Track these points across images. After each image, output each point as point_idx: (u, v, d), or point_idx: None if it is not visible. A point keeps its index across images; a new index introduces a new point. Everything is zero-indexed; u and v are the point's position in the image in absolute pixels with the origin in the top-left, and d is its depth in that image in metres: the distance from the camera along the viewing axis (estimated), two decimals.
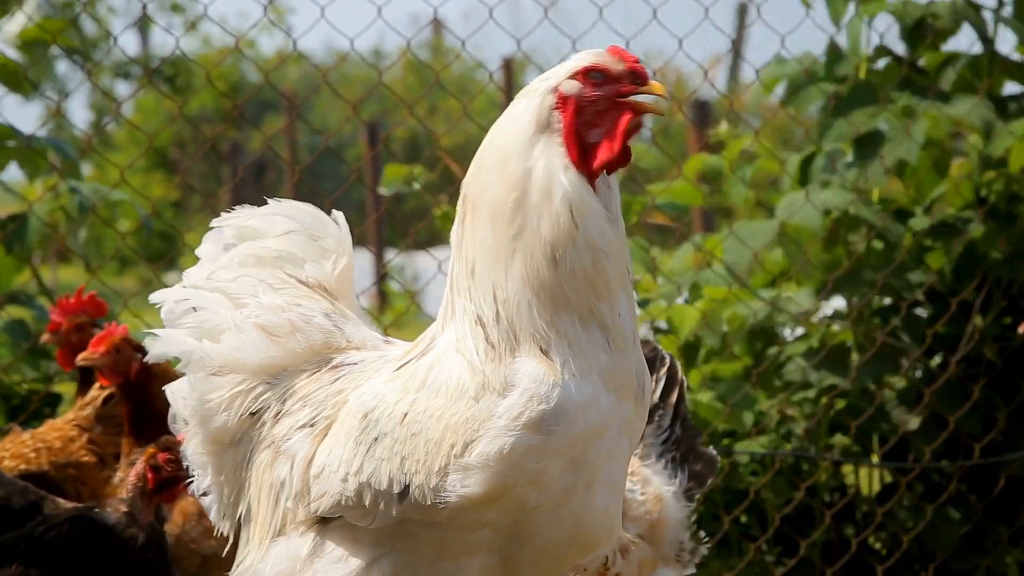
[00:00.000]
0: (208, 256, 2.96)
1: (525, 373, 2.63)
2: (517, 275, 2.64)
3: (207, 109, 19.29)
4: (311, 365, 2.83)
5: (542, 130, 2.67)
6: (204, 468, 2.89)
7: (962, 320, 5.82)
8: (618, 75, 2.69)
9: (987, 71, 5.88)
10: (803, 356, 5.75)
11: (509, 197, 2.64)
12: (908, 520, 5.92)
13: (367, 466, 2.67)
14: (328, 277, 2.93)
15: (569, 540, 2.68)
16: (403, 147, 18.11)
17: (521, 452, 2.61)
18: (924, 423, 5.81)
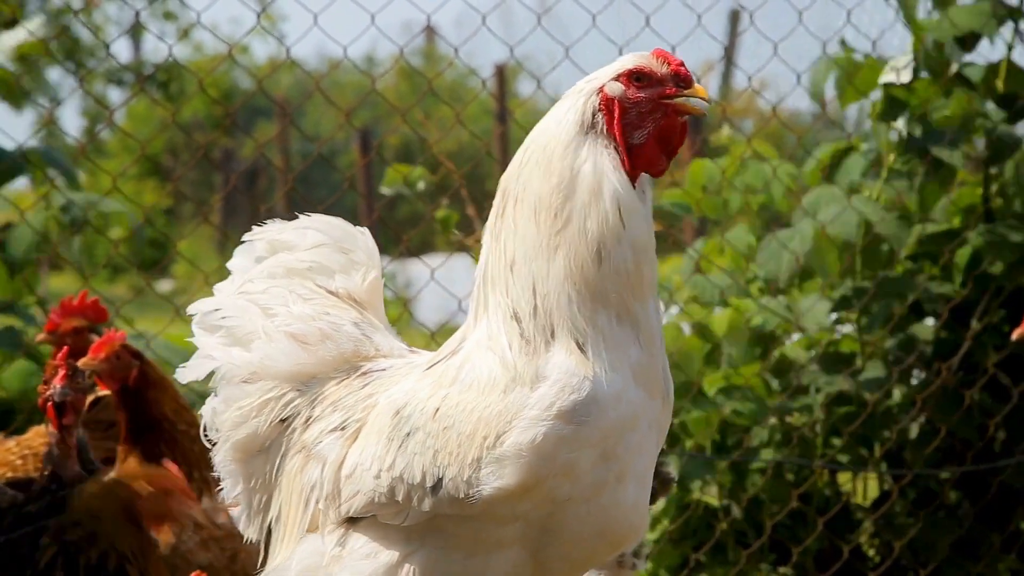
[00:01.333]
0: (239, 269, 3.00)
1: (556, 364, 2.66)
2: (560, 270, 2.68)
3: (199, 116, 19.29)
4: (340, 372, 2.87)
5: (587, 130, 2.71)
6: (234, 476, 2.92)
7: (957, 327, 5.83)
8: (662, 77, 2.71)
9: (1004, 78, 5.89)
10: (811, 362, 5.75)
11: (555, 193, 2.68)
12: (901, 527, 5.93)
13: (400, 461, 2.70)
14: (358, 288, 2.98)
15: (599, 534, 2.70)
16: (396, 154, 18.11)
17: (553, 442, 2.63)
18: (918, 430, 5.82)
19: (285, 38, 17.09)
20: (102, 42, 14.43)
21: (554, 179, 2.69)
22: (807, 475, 5.80)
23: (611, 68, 2.74)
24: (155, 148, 18.76)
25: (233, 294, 2.96)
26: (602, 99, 2.72)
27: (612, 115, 2.71)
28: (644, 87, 2.72)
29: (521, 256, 2.70)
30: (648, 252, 2.71)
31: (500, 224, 2.74)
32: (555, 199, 2.68)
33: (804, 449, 5.76)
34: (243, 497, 2.92)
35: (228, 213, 18.99)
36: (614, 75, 2.73)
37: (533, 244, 2.69)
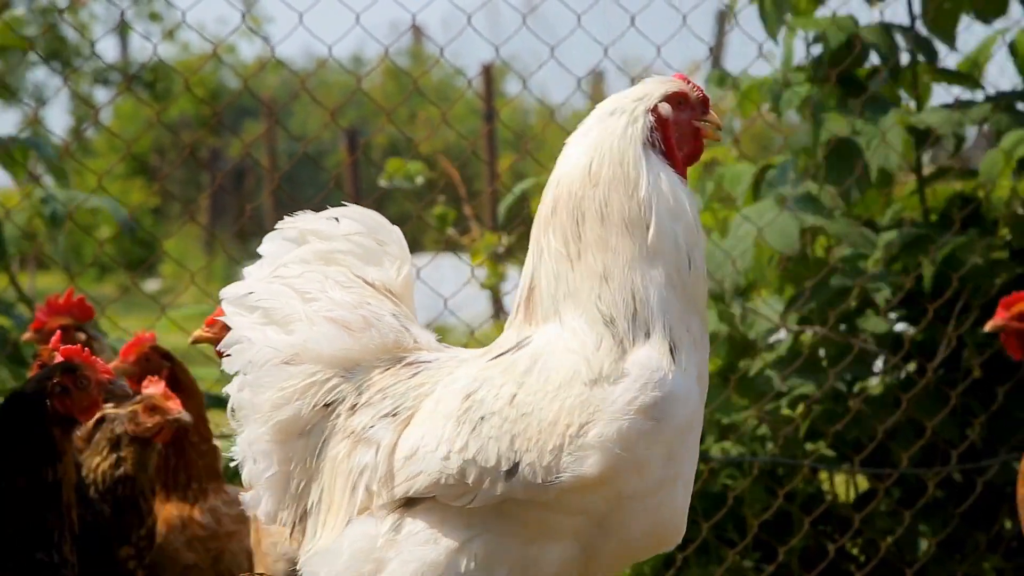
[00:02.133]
0: (271, 255, 3.03)
1: (638, 361, 2.78)
2: (660, 277, 2.84)
3: (187, 116, 19.26)
4: (383, 362, 2.92)
5: (646, 147, 2.89)
6: (268, 458, 2.92)
7: (942, 328, 5.84)
8: (694, 103, 2.95)
9: (912, 83, 5.93)
10: (775, 365, 5.77)
11: (644, 208, 2.84)
12: (886, 526, 5.94)
13: (473, 444, 2.76)
14: (393, 281, 3.02)
15: (650, 533, 2.80)
16: (384, 153, 18.11)
17: (635, 437, 2.74)
18: (902, 430, 5.83)
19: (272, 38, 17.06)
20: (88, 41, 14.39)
21: (640, 193, 2.86)
22: (790, 476, 5.82)
23: (656, 88, 2.93)
24: (142, 147, 18.73)
25: (267, 279, 2.98)
26: (656, 118, 2.90)
27: (667, 134, 2.91)
28: (684, 110, 2.94)
29: (618, 268, 2.84)
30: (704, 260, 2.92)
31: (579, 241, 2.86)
32: (645, 212, 2.84)
33: (787, 448, 5.77)
34: (276, 480, 2.92)
35: (215, 212, 18.97)
36: (663, 96, 2.91)
37: (631, 256, 2.84)
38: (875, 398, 5.87)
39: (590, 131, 2.91)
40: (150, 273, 15.97)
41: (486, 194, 11.55)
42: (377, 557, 2.79)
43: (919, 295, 5.85)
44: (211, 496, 4.14)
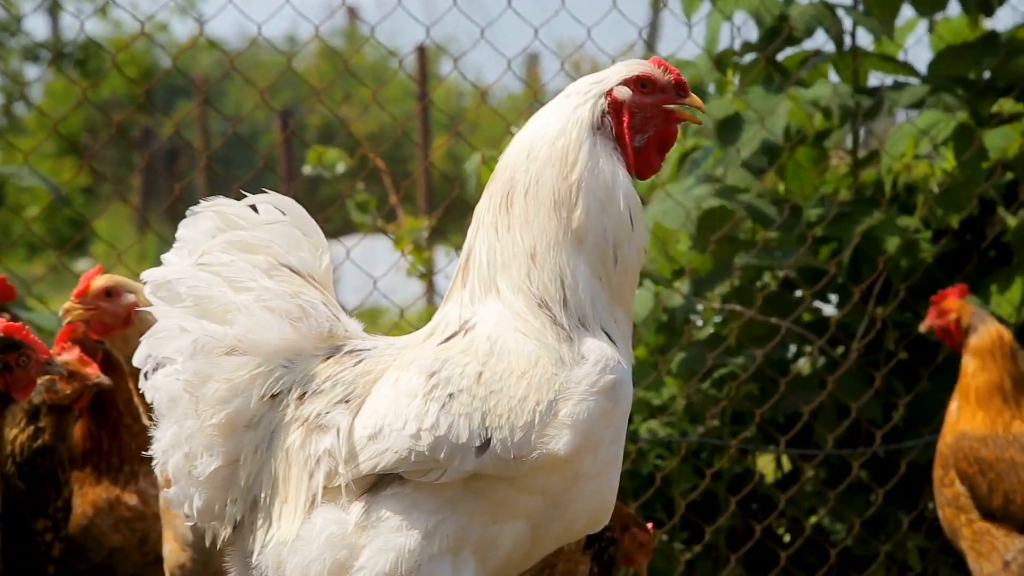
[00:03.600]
0: (188, 241, 2.96)
1: (592, 347, 2.82)
2: (585, 266, 2.84)
3: (119, 95, 19.10)
4: (322, 351, 2.90)
5: (594, 130, 2.86)
6: (211, 451, 2.86)
7: (865, 309, 5.90)
8: (664, 86, 2.90)
9: (851, 64, 5.99)
10: (703, 345, 5.81)
11: (574, 190, 2.83)
12: (811, 506, 6.01)
13: (443, 421, 2.77)
14: (317, 270, 2.99)
15: (592, 512, 2.85)
16: (318, 134, 18.03)
17: (597, 416, 2.79)
18: (827, 411, 5.89)
19: (203, 17, 16.95)
20: (15, 17, 14.24)
21: (572, 176, 2.84)
22: (717, 457, 5.86)
23: (616, 72, 2.89)
24: (73, 126, 18.55)
25: (191, 266, 2.91)
26: (611, 102, 2.86)
27: (620, 118, 2.87)
28: (648, 93, 2.89)
29: (543, 247, 2.84)
30: (644, 254, 2.91)
31: (508, 214, 2.86)
32: (574, 196, 2.83)
33: (714, 429, 5.82)
34: (219, 474, 2.87)
35: (148, 192, 18.82)
36: (621, 79, 2.88)
37: (555, 237, 2.84)
38: (801, 379, 5.93)
39: (546, 110, 2.91)
40: (81, 253, 15.83)
41: (419, 178, 11.56)
42: (351, 543, 2.78)
43: (847, 276, 5.91)
44: (141, 478, 4.13)
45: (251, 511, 2.87)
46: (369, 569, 2.76)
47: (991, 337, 4.87)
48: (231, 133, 6.39)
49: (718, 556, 5.89)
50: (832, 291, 6.01)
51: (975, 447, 4.77)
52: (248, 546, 2.87)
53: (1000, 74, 6.06)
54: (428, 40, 7.23)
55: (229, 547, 2.92)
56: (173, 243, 2.98)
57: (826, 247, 5.98)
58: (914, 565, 5.96)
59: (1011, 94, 6.02)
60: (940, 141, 5.75)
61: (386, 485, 2.80)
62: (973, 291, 5.88)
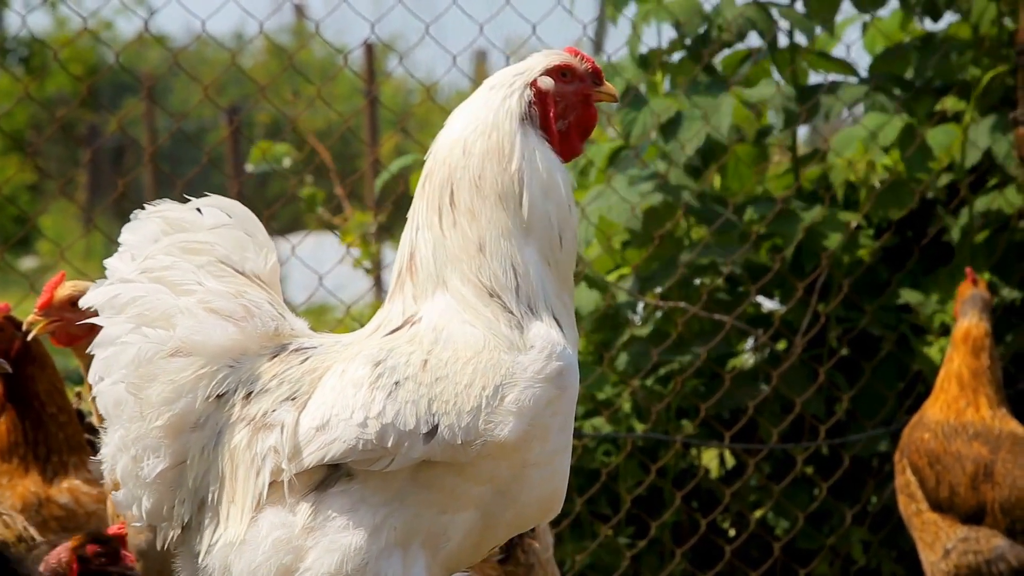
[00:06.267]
0: (132, 246, 2.97)
1: (539, 334, 2.86)
2: (535, 252, 2.89)
3: (65, 92, 18.97)
4: (267, 350, 2.91)
5: (523, 120, 2.93)
6: (157, 453, 2.86)
7: (808, 304, 5.94)
8: (582, 74, 2.99)
9: (789, 62, 6.03)
10: (646, 341, 5.83)
11: (516, 180, 2.89)
12: (756, 500, 6.04)
13: (389, 408, 2.80)
14: (262, 270, 3.00)
15: (543, 501, 2.88)
16: (266, 131, 17.96)
17: (544, 404, 2.83)
18: (770, 406, 5.93)
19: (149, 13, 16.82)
20: None
21: (512, 167, 2.90)
22: (663, 453, 5.89)
23: (536, 63, 2.97)
24: (19, 123, 18.41)
25: (133, 273, 2.92)
26: (536, 92, 2.95)
27: (546, 108, 2.95)
28: (568, 82, 2.98)
29: (492, 239, 2.89)
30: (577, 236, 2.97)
31: (453, 210, 2.90)
32: (518, 186, 2.89)
33: (658, 423, 5.84)
34: (165, 476, 2.87)
35: (95, 190, 18.71)
36: (543, 70, 2.96)
37: (503, 228, 2.89)
38: (745, 374, 5.97)
39: (470, 104, 2.96)
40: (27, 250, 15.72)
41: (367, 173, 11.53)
42: (296, 546, 2.79)
43: (789, 272, 5.94)
44: (71, 472, 4.10)
45: (199, 512, 2.87)
46: (315, 571, 2.77)
47: (962, 329, 4.96)
48: (175, 130, 6.36)
49: (663, 551, 5.91)
50: (775, 287, 6.04)
51: (925, 438, 4.84)
52: (196, 547, 2.88)
53: (937, 73, 6.11)
54: (374, 37, 7.22)
55: (178, 548, 2.92)
56: (119, 241, 2.98)
57: (768, 243, 6.02)
58: (857, 558, 6.00)
59: (949, 93, 6.08)
60: (885, 144, 5.79)
61: (333, 483, 2.81)
62: (914, 287, 5.95)
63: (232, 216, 2.99)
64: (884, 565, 6.02)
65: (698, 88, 5.81)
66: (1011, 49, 5.93)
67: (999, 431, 4.84)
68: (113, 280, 2.94)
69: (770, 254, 6.00)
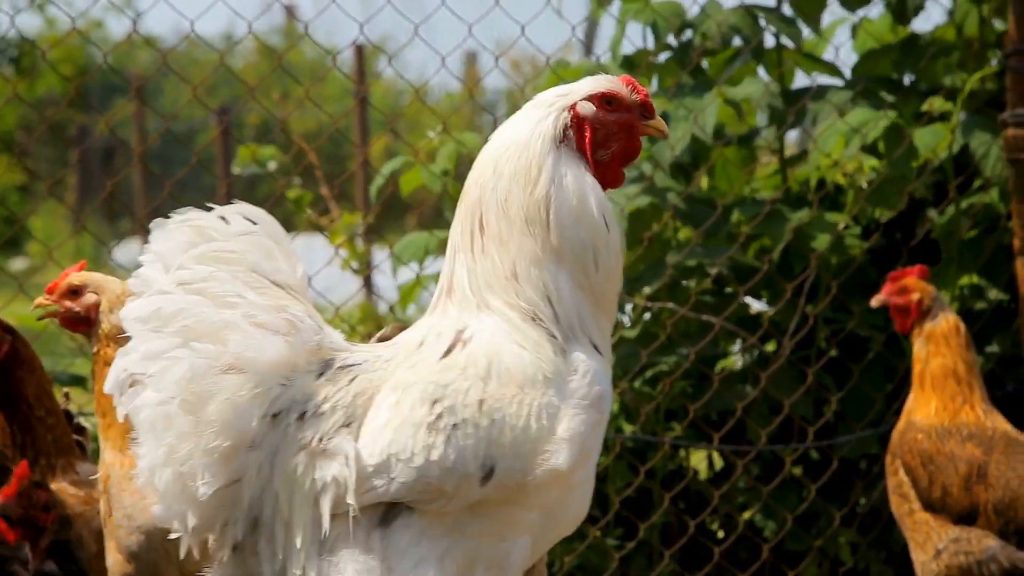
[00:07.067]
0: (163, 255, 2.89)
1: (580, 359, 2.85)
2: (567, 279, 2.87)
3: (55, 92, 18.95)
4: (314, 366, 2.87)
5: (557, 143, 2.88)
6: (210, 471, 2.81)
7: (797, 307, 5.95)
8: (630, 105, 2.94)
9: (776, 65, 6.04)
10: (636, 341, 5.84)
11: (542, 205, 2.86)
12: (744, 502, 6.04)
13: (450, 453, 2.79)
14: (293, 280, 2.94)
15: (577, 517, 2.91)
16: (257, 133, 17.95)
17: (590, 428, 2.84)
18: (759, 407, 5.93)
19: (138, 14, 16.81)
20: None
21: (539, 192, 2.86)
22: (652, 454, 5.89)
23: (583, 87, 2.93)
24: (8, 124, 18.39)
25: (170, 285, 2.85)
26: (573, 116, 2.90)
27: (582, 133, 2.90)
28: (613, 111, 2.93)
29: (523, 267, 2.87)
30: (621, 255, 2.94)
31: (483, 235, 2.88)
32: (544, 212, 2.85)
33: (647, 425, 5.85)
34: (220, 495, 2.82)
35: (85, 191, 18.69)
36: (586, 95, 2.92)
37: (532, 255, 2.86)
38: (733, 375, 5.97)
39: (511, 121, 2.93)
40: (16, 251, 15.71)
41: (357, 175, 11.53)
42: None
43: (778, 273, 5.95)
44: (59, 474, 4.09)
45: (252, 532, 2.84)
46: None
47: (949, 324, 4.88)
48: (164, 130, 6.35)
49: (652, 552, 5.91)
50: (763, 288, 6.05)
51: (919, 439, 4.81)
52: (257, 569, 2.85)
53: (924, 75, 6.12)
54: (364, 38, 7.22)
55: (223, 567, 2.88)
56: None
57: (756, 244, 6.02)
58: (846, 560, 6.01)
59: (936, 95, 6.09)
60: (870, 140, 5.79)
61: (395, 516, 2.81)
62: None
63: (257, 223, 2.93)
64: (872, 567, 6.03)
65: (684, 89, 5.81)
66: (997, 51, 5.94)
67: (992, 431, 4.82)
68: (151, 292, 2.86)
69: (758, 255, 6.01)
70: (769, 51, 6.06)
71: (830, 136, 5.86)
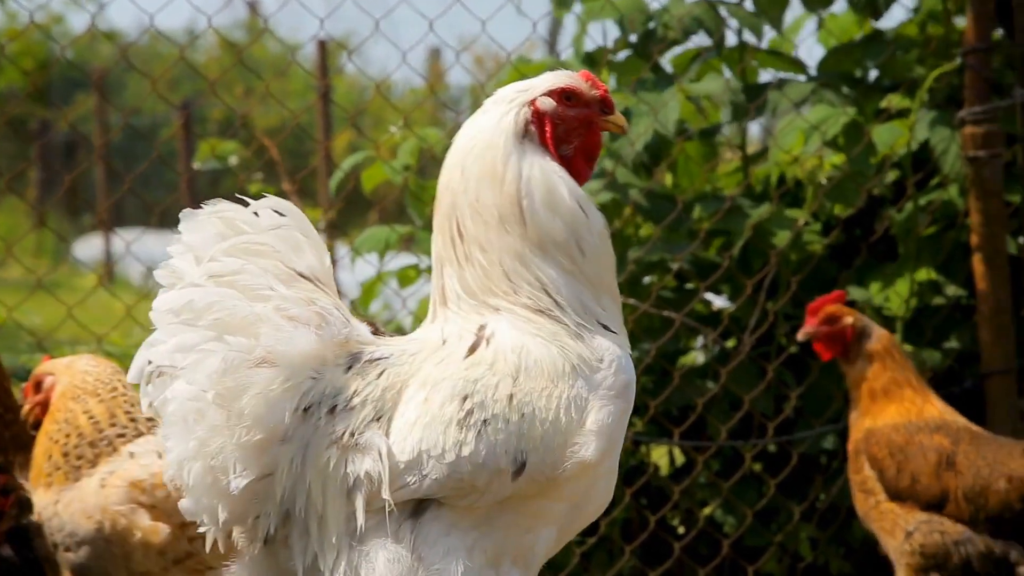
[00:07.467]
0: (194, 247, 2.88)
1: (603, 346, 2.87)
2: (557, 268, 2.87)
3: (16, 87, 18.83)
4: (343, 359, 2.87)
5: (520, 138, 2.89)
6: (243, 465, 2.80)
7: (757, 303, 5.97)
8: (589, 100, 2.95)
9: (738, 61, 6.06)
10: None
11: (513, 202, 2.86)
12: (705, 498, 6.06)
13: (481, 448, 2.79)
14: (320, 272, 2.93)
15: (601, 506, 2.90)
16: (219, 128, 17.89)
17: (617, 417, 2.84)
18: (719, 403, 5.95)
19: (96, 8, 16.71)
20: None
21: (509, 187, 2.87)
22: None
23: (542, 82, 2.94)
24: None
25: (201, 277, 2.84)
26: (533, 112, 2.91)
27: (543, 128, 2.91)
28: (572, 106, 2.94)
29: (510, 265, 2.87)
30: (608, 235, 2.93)
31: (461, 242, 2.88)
32: (514, 207, 2.86)
33: None
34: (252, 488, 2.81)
35: (47, 187, 18.59)
36: (546, 90, 2.92)
37: (516, 252, 2.87)
38: (694, 371, 5.98)
39: (473, 120, 2.93)
40: None
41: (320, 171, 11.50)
42: None
43: (738, 269, 5.97)
44: (17, 471, 4.08)
45: (283, 525, 2.84)
46: None
47: (886, 339, 4.94)
48: (124, 125, 6.33)
49: (613, 548, 5.92)
50: (724, 284, 6.07)
51: (887, 433, 4.84)
52: (288, 563, 2.84)
53: (886, 71, 6.15)
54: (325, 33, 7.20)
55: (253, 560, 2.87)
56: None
57: (717, 240, 6.04)
58: (805, 555, 6.03)
59: (897, 91, 6.12)
60: (829, 136, 5.82)
61: (424, 509, 2.82)
62: (861, 285, 5.98)
63: (289, 215, 2.92)
64: (832, 562, 6.05)
65: (645, 84, 5.82)
66: (958, 48, 5.97)
67: (957, 426, 4.87)
68: (183, 284, 2.85)
69: (719, 252, 6.02)
70: (731, 49, 6.08)
71: (790, 133, 5.88)
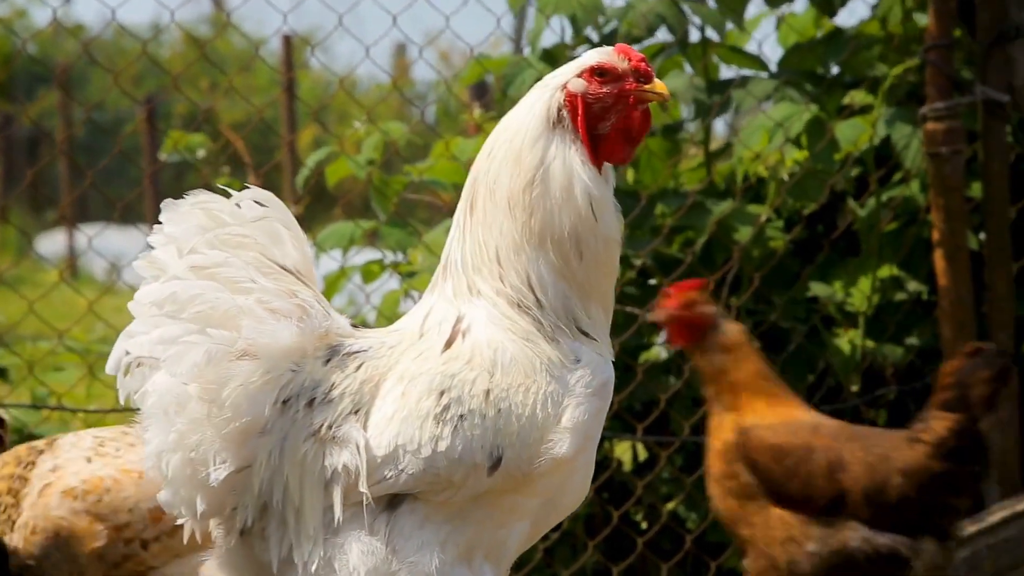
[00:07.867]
0: (176, 238, 2.87)
1: (579, 348, 2.86)
2: (549, 266, 2.85)
3: None
4: (322, 352, 2.87)
5: (553, 125, 2.86)
6: (222, 457, 2.81)
7: (719, 298, 5.98)
8: (623, 73, 2.88)
9: (701, 57, 6.07)
10: None
11: (526, 189, 2.83)
12: (668, 493, 6.07)
13: (457, 443, 2.80)
14: (301, 264, 2.93)
15: (575, 501, 2.92)
16: (184, 123, 17.82)
17: (593, 416, 2.85)
18: (682, 398, 5.96)
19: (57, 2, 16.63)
20: None
21: (526, 175, 2.84)
22: None
23: (574, 64, 2.91)
24: None
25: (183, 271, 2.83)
26: (566, 95, 2.87)
27: (576, 110, 2.86)
28: (607, 82, 2.88)
29: (504, 250, 2.86)
30: (617, 243, 2.90)
31: (471, 216, 2.88)
32: (526, 195, 2.83)
33: None
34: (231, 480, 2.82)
35: (8, 181, 18.49)
36: (577, 71, 2.88)
37: (513, 239, 2.85)
38: (657, 367, 5.99)
39: (519, 104, 2.92)
40: None
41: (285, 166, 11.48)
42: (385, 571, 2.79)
43: (701, 265, 5.98)
44: None
45: (261, 517, 2.85)
46: None
47: (738, 330, 4.74)
48: (87, 119, 6.30)
49: (576, 543, 5.93)
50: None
51: (765, 436, 4.58)
52: (264, 555, 2.85)
53: (848, 68, 6.17)
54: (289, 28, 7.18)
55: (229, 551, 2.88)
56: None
57: (680, 236, 6.05)
58: None
59: (859, 88, 6.14)
60: (793, 134, 5.84)
61: (400, 501, 2.82)
62: (824, 280, 6.00)
63: (267, 207, 2.92)
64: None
65: None
66: (919, 45, 6.00)
67: (827, 425, 4.63)
68: (166, 276, 2.85)
69: (682, 247, 6.03)
70: (694, 45, 6.09)
71: (754, 131, 5.90)
